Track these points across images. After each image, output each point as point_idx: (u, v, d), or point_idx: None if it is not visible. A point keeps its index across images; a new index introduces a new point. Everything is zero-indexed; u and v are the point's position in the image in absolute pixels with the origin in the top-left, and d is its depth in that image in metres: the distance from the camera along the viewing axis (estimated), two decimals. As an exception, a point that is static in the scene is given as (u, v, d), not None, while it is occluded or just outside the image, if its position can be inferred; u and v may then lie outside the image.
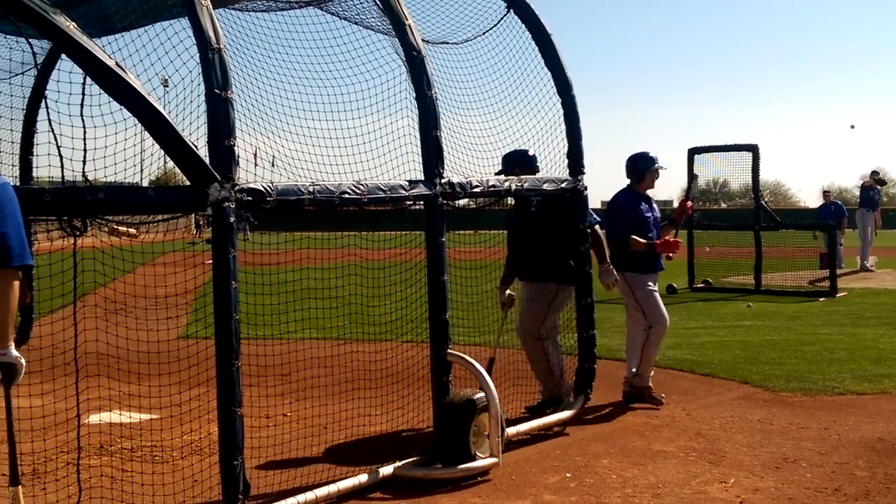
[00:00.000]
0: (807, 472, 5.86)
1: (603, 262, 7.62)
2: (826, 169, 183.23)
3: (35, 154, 8.67)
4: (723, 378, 9.00)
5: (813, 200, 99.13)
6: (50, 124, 4.39)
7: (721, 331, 12.29)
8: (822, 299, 16.25)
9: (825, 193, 25.27)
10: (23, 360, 3.88)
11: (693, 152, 19.08)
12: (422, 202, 5.97)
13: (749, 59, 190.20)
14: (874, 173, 23.40)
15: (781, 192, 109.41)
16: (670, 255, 8.06)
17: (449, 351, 6.04)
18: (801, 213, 60.38)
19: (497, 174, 7.03)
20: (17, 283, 3.81)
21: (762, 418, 7.29)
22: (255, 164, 6.03)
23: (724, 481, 5.69)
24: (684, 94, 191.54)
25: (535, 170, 7.32)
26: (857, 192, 23.47)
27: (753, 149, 18.24)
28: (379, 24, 6.60)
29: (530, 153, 7.38)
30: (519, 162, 7.29)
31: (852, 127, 32.44)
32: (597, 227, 7.56)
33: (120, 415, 7.06)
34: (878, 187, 22.94)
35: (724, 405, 7.81)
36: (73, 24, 4.20)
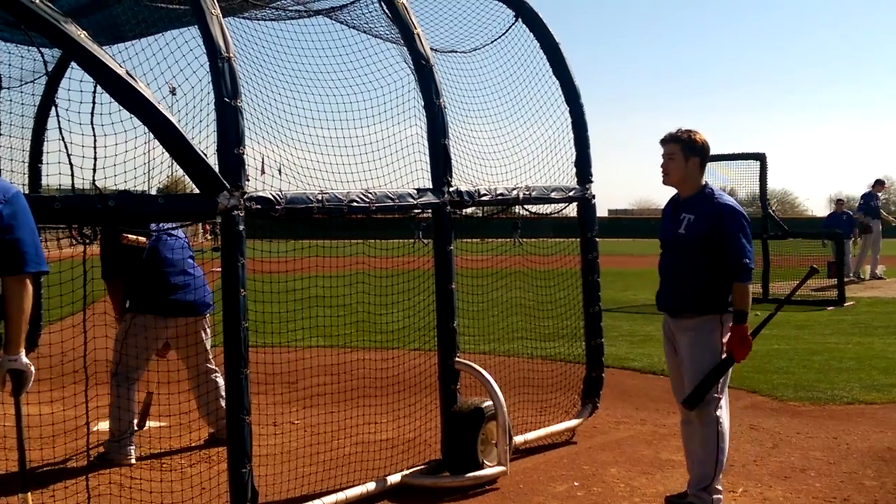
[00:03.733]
0: (815, 482, 5.85)
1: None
2: (834, 178, 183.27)
3: (45, 162, 8.70)
4: (731, 387, 8.88)
5: (820, 209, 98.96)
6: (60, 132, 4.41)
7: (729, 340, 12.21)
8: (830, 308, 16.20)
9: (839, 202, 25.07)
10: (32, 368, 3.90)
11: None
12: (430, 210, 5.98)
13: (757, 68, 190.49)
14: (878, 182, 23.11)
15: (789, 200, 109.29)
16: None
17: (457, 359, 6.04)
18: (809, 222, 60.23)
19: None
20: (31, 290, 3.85)
21: (770, 427, 7.28)
22: (263, 172, 6.05)
23: (732, 490, 5.67)
24: (692, 102, 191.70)
25: None
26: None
27: (761, 157, 18.21)
28: (387, 32, 6.62)
29: None
30: None
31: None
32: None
33: (128, 422, 7.06)
34: (879, 195, 22.69)
35: (733, 414, 7.72)
36: (84, 32, 4.22)
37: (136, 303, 6.45)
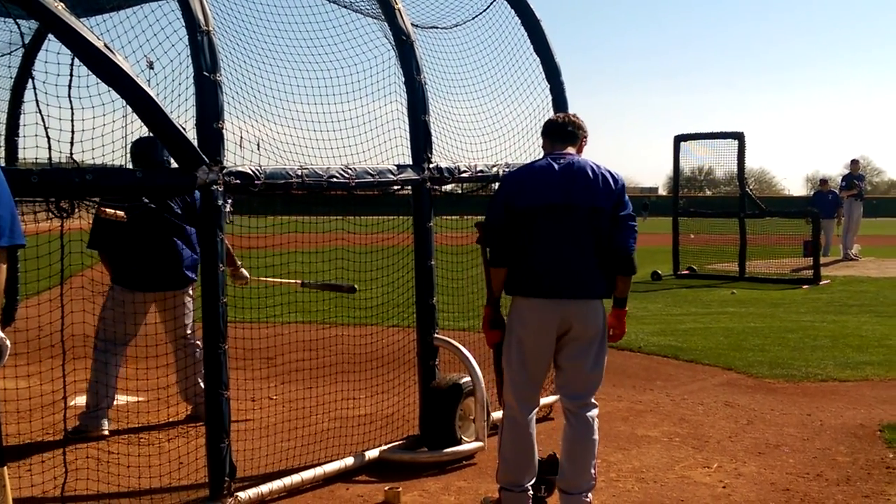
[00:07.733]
0: (789, 458, 5.92)
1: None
2: (811, 157, 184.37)
3: (21, 135, 8.60)
4: (707, 364, 9.07)
5: (797, 188, 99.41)
6: (37, 105, 4.35)
7: (705, 317, 12.36)
8: (805, 287, 16.35)
9: (822, 181, 25.20)
10: (8, 342, 3.87)
11: (679, 140, 19.14)
12: (410, 187, 5.97)
13: (735, 47, 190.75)
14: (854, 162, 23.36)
15: (766, 179, 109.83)
16: None
17: (435, 335, 6.06)
18: (786, 201, 60.66)
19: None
20: (5, 264, 3.80)
21: (745, 404, 7.35)
22: (242, 148, 6.00)
23: (707, 466, 5.74)
24: (671, 81, 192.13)
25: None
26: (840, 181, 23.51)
27: (739, 136, 18.30)
28: (368, 7, 6.57)
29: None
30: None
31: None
32: None
33: (106, 397, 7.04)
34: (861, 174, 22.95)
35: (708, 391, 7.87)
36: (62, 4, 4.17)
37: (117, 276, 6.42)
